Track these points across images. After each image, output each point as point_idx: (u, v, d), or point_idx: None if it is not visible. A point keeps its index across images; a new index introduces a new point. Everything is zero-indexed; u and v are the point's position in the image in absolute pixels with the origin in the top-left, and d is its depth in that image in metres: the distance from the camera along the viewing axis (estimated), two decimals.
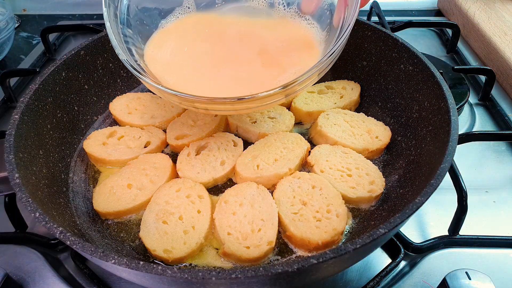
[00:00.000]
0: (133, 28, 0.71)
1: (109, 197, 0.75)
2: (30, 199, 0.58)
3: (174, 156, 0.85)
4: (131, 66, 0.64)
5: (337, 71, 1.02)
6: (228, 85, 0.63)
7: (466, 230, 0.75)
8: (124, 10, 0.70)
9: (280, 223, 0.71)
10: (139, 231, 0.70)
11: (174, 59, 0.68)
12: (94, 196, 0.76)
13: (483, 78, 1.09)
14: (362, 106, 0.96)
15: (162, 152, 0.88)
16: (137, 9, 0.72)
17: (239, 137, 0.87)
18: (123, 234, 0.73)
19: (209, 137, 0.86)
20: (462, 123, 1.02)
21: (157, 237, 0.68)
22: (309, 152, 0.83)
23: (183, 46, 0.69)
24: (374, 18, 1.35)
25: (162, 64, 0.68)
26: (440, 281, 0.62)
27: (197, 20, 0.72)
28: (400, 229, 0.74)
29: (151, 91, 1.01)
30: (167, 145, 0.89)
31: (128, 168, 0.80)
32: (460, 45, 1.30)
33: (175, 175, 0.81)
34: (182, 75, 0.66)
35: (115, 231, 0.73)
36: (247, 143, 0.86)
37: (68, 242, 0.53)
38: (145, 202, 0.75)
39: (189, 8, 0.73)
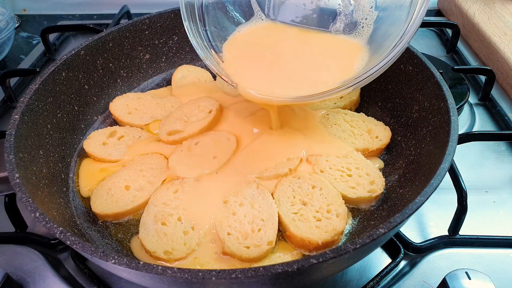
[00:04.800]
0: (212, 33, 0.82)
1: (107, 199, 0.75)
2: (30, 199, 0.58)
3: None
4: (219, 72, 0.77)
5: None
6: (289, 84, 0.74)
7: (466, 230, 0.75)
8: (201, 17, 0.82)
9: (280, 223, 0.71)
10: (137, 232, 0.70)
11: (244, 61, 0.79)
12: (92, 198, 0.76)
13: (483, 78, 1.09)
14: (362, 106, 0.96)
15: None
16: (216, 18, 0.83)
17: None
18: (121, 235, 0.73)
19: (202, 134, 0.86)
20: (462, 123, 1.02)
21: (156, 238, 0.68)
22: None
23: (252, 51, 0.80)
24: None
25: (234, 64, 0.79)
26: (440, 281, 0.62)
27: (266, 28, 0.84)
28: (400, 229, 0.74)
29: (151, 91, 1.02)
30: None
31: (125, 169, 0.80)
32: (460, 45, 1.30)
33: (170, 175, 0.81)
34: (251, 75, 0.77)
35: (114, 231, 0.73)
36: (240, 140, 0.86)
37: (68, 242, 0.53)
38: (144, 203, 0.75)
39: (262, 19, 0.85)
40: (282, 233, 0.71)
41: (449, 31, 1.30)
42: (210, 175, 0.78)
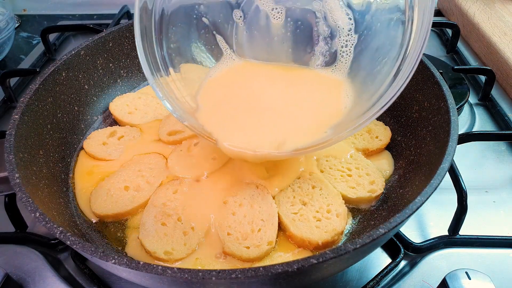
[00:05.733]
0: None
1: (107, 200, 0.75)
2: (30, 199, 0.58)
3: None
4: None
5: None
6: (275, 137, 0.66)
7: (466, 230, 0.75)
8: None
9: (280, 223, 0.71)
10: (137, 232, 0.70)
11: (221, 113, 0.70)
12: (91, 199, 0.76)
13: (483, 78, 1.09)
14: None
15: None
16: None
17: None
18: (120, 235, 0.73)
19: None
20: (462, 123, 1.02)
21: (156, 239, 0.68)
22: None
23: (228, 99, 0.72)
24: None
25: (211, 118, 0.70)
26: (440, 281, 0.62)
27: (239, 70, 0.76)
28: (400, 229, 0.74)
29: (151, 92, 1.02)
30: None
31: (123, 170, 0.80)
32: (460, 45, 1.30)
33: (168, 175, 0.80)
34: (227, 126, 0.69)
35: (114, 231, 0.73)
36: None
37: (68, 242, 0.53)
38: (143, 204, 0.75)
39: (233, 59, 0.77)
40: (282, 233, 0.71)
41: (449, 31, 1.30)
42: (209, 175, 0.78)
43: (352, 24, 0.68)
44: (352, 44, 0.69)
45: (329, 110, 0.66)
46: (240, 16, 0.75)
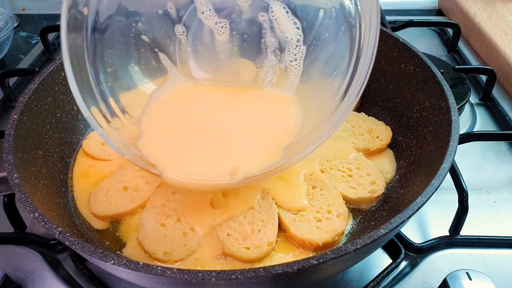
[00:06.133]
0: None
1: (106, 201, 0.75)
2: (29, 199, 0.58)
3: None
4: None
5: None
6: (225, 164, 0.60)
7: (467, 230, 0.75)
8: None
9: (280, 223, 0.70)
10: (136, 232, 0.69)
11: (165, 141, 0.64)
12: (90, 200, 0.75)
13: (484, 77, 1.09)
14: (363, 106, 0.96)
15: None
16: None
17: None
18: (119, 235, 0.72)
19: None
20: (463, 123, 1.01)
21: (156, 239, 0.67)
22: None
23: (171, 122, 0.66)
24: None
25: (154, 147, 0.64)
26: (441, 281, 0.62)
27: (184, 92, 0.69)
28: (401, 230, 0.74)
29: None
30: None
31: (122, 170, 0.80)
32: (460, 44, 1.30)
33: None
34: (172, 155, 0.62)
35: (114, 231, 0.73)
36: None
37: (68, 243, 0.53)
38: (142, 204, 0.74)
39: (180, 79, 0.70)
40: (284, 233, 0.71)
41: (450, 31, 1.30)
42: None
43: (300, 35, 0.65)
44: (301, 57, 0.65)
45: (280, 131, 0.62)
46: (183, 32, 0.69)
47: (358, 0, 0.54)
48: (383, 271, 0.69)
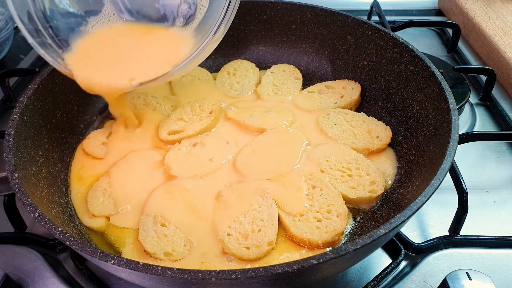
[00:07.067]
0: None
1: (104, 201, 0.74)
2: (29, 199, 0.58)
3: None
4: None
5: (337, 71, 1.02)
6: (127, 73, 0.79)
7: (466, 230, 0.75)
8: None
9: (280, 223, 0.70)
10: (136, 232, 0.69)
11: (89, 55, 0.81)
12: (88, 201, 0.75)
13: (483, 77, 1.09)
14: (363, 106, 0.96)
15: None
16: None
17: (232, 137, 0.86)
18: (119, 235, 0.72)
19: (202, 135, 0.86)
20: (463, 123, 1.01)
21: (156, 240, 0.67)
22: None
23: (95, 46, 0.83)
24: (375, 18, 1.35)
25: (79, 58, 0.80)
26: (441, 281, 0.62)
27: (113, 27, 0.86)
28: (401, 229, 0.74)
29: (150, 91, 1.01)
30: None
31: (118, 168, 0.80)
32: (460, 44, 1.30)
33: (164, 174, 0.80)
34: (93, 66, 0.80)
35: (114, 231, 0.73)
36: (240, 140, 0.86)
37: (68, 243, 0.53)
38: (140, 201, 0.74)
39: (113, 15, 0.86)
40: (284, 233, 0.71)
41: (450, 31, 1.30)
42: (207, 176, 0.78)
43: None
44: (204, 7, 0.80)
45: (170, 55, 0.80)
46: None
47: None
48: (383, 271, 0.69)
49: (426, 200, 0.56)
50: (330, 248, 0.68)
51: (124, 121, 0.89)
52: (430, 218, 0.80)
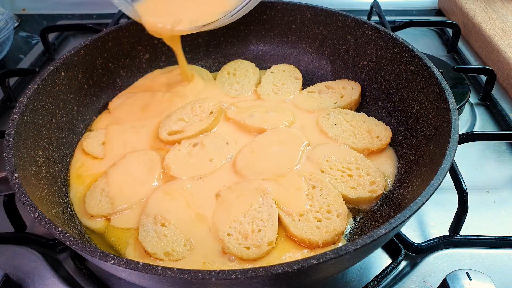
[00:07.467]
0: None
1: (102, 201, 0.74)
2: (29, 199, 0.58)
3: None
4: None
5: (337, 71, 1.02)
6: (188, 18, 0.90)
7: (466, 230, 0.75)
8: None
9: (280, 223, 0.70)
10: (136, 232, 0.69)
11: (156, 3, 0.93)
12: (86, 200, 0.75)
13: (483, 78, 1.09)
14: (363, 106, 0.96)
15: None
16: None
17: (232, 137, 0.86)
18: (119, 235, 0.72)
19: (202, 135, 0.86)
20: (463, 123, 1.01)
21: (156, 240, 0.67)
22: None
23: None
24: (375, 18, 1.35)
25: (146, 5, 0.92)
26: (441, 281, 0.62)
27: None
28: (401, 230, 0.74)
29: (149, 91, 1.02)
30: None
31: (116, 168, 0.80)
32: (460, 44, 1.30)
33: (164, 174, 0.80)
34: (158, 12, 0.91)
35: (114, 231, 0.73)
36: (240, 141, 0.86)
37: (68, 243, 0.53)
38: (138, 202, 0.74)
39: None
40: (284, 233, 0.71)
41: (450, 31, 1.30)
42: (207, 176, 0.78)
43: None
44: None
45: (221, 5, 0.90)
46: None
47: None
48: (383, 271, 0.69)
49: (426, 200, 0.56)
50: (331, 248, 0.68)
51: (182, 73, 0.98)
52: (430, 218, 0.80)
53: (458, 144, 0.65)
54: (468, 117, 1.03)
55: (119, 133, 0.89)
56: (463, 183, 0.73)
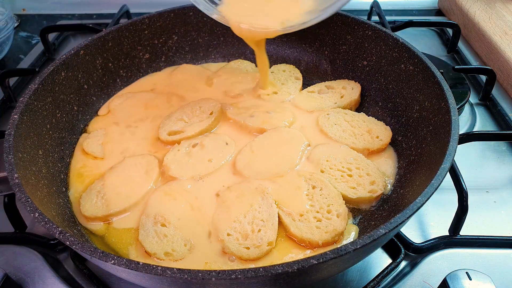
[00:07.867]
0: None
1: (97, 202, 0.74)
2: (29, 199, 0.58)
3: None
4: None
5: (337, 71, 1.02)
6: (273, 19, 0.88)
7: (466, 230, 0.75)
8: None
9: (280, 223, 0.70)
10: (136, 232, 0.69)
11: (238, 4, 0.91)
12: (81, 202, 0.75)
13: (483, 78, 1.09)
14: (363, 106, 0.96)
15: None
16: None
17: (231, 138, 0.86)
18: (119, 236, 0.72)
19: (202, 136, 0.86)
20: (463, 123, 1.01)
21: (156, 240, 0.67)
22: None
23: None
24: (375, 18, 1.35)
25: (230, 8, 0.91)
26: (441, 281, 0.62)
27: None
28: (401, 230, 0.74)
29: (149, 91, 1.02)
30: None
31: (114, 171, 0.80)
32: (460, 44, 1.30)
33: (163, 175, 0.80)
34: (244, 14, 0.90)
35: (114, 231, 0.73)
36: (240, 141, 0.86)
37: (68, 243, 0.53)
38: (133, 205, 0.74)
39: None
40: (284, 233, 0.71)
41: (450, 31, 1.30)
42: (207, 177, 0.78)
43: None
44: None
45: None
46: None
47: None
48: (383, 271, 0.69)
49: (426, 200, 0.56)
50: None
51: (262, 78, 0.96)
52: (430, 218, 0.80)
53: (458, 144, 0.65)
54: (468, 117, 1.03)
55: (119, 133, 0.89)
56: (463, 183, 0.73)
